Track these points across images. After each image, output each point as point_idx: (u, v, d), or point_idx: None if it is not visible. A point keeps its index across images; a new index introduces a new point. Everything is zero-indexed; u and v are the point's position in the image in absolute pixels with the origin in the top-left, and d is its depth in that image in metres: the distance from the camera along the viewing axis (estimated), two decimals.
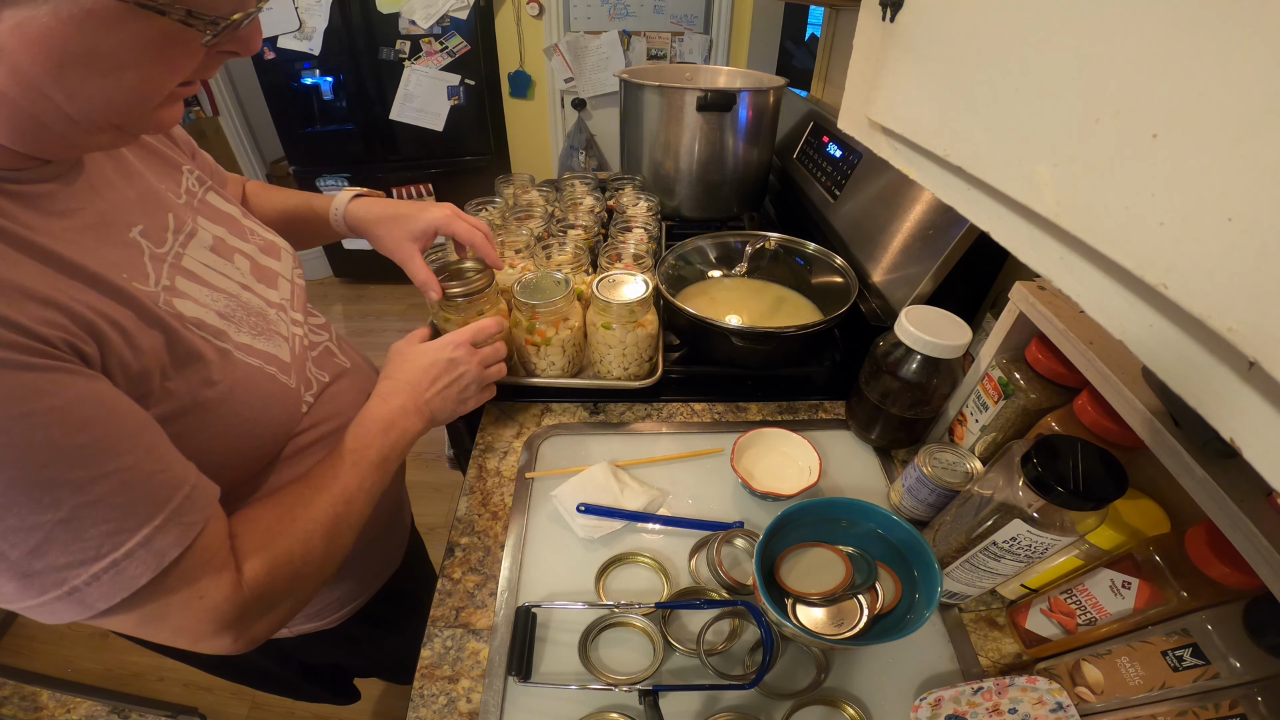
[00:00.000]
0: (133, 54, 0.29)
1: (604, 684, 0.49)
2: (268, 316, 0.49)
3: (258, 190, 0.72)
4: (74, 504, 0.31)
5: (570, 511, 0.62)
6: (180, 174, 0.49)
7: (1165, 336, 0.21)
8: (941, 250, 0.69)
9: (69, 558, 0.31)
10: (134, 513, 0.33)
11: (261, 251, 0.53)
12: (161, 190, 0.46)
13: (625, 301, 0.69)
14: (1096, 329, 0.46)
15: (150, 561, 0.34)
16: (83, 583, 0.32)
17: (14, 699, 0.65)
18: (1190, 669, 0.38)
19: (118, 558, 0.32)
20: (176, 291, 0.41)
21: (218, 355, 0.42)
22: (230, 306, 0.45)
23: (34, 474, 0.29)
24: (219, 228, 0.49)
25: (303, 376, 0.52)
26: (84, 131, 0.32)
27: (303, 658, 0.70)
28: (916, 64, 0.34)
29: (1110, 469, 0.41)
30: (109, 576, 0.32)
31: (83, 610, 0.33)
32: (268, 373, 0.46)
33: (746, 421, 0.76)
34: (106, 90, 0.30)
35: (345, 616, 0.66)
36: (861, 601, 0.50)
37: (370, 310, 2.65)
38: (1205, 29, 0.17)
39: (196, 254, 0.45)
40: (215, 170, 0.61)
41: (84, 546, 0.31)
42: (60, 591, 0.31)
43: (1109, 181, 0.21)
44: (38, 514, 0.30)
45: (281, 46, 2.12)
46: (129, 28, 0.28)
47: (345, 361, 0.61)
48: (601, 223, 1.03)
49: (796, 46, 2.67)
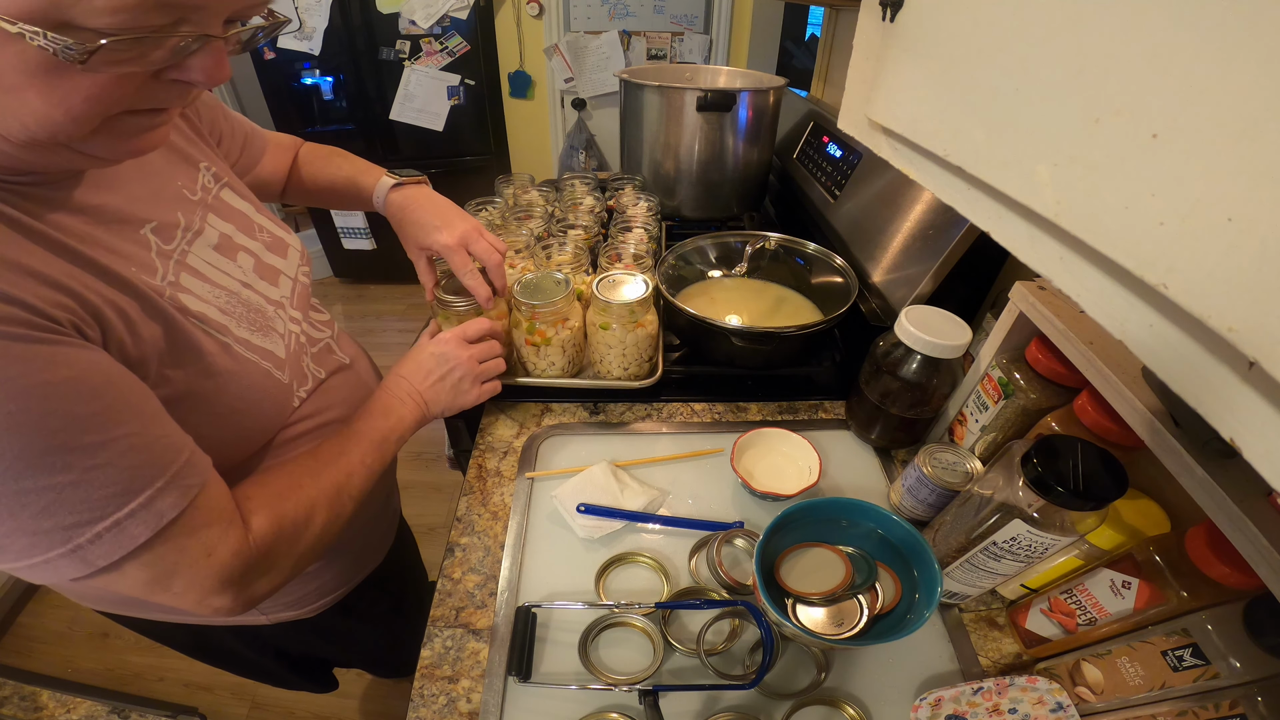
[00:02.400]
0: (21, 75, 0.27)
1: (604, 684, 0.49)
2: (266, 313, 0.50)
3: (310, 158, 0.76)
4: (84, 467, 0.32)
5: (570, 511, 0.62)
6: (197, 171, 0.51)
7: (1165, 336, 0.21)
8: (941, 250, 0.69)
9: (76, 518, 0.33)
10: (139, 475, 0.35)
11: (268, 249, 0.55)
12: (176, 188, 0.48)
13: (625, 301, 0.69)
14: (1096, 329, 0.46)
15: (150, 520, 0.36)
16: (86, 540, 0.33)
17: (14, 699, 0.65)
18: (1190, 669, 0.38)
19: (120, 517, 0.34)
20: (181, 287, 0.43)
21: (218, 349, 0.43)
22: (230, 303, 0.47)
23: (48, 440, 0.31)
24: (228, 225, 0.51)
25: (297, 372, 0.53)
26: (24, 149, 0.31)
27: (280, 645, 0.71)
28: (916, 64, 0.34)
29: (1110, 469, 0.41)
30: (111, 535, 0.34)
31: (83, 567, 0.34)
32: (263, 368, 0.48)
33: (746, 421, 0.76)
34: (15, 110, 0.29)
35: (324, 607, 0.66)
36: (861, 601, 0.50)
37: (370, 310, 2.65)
38: (1205, 29, 0.17)
39: (201, 252, 0.47)
40: (248, 141, 0.65)
41: (90, 507, 0.33)
42: (65, 549, 0.33)
43: (1109, 181, 0.21)
44: (50, 476, 0.31)
45: (281, 46, 2.12)
46: (9, 49, 0.26)
47: (344, 358, 0.63)
48: (601, 223, 1.03)
49: (796, 46, 2.67)
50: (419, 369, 0.64)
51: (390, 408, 0.59)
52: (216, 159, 0.55)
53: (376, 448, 0.55)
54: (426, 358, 0.64)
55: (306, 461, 0.50)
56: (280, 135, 0.74)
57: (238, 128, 0.64)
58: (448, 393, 0.65)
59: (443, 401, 0.64)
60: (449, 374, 0.65)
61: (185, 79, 0.33)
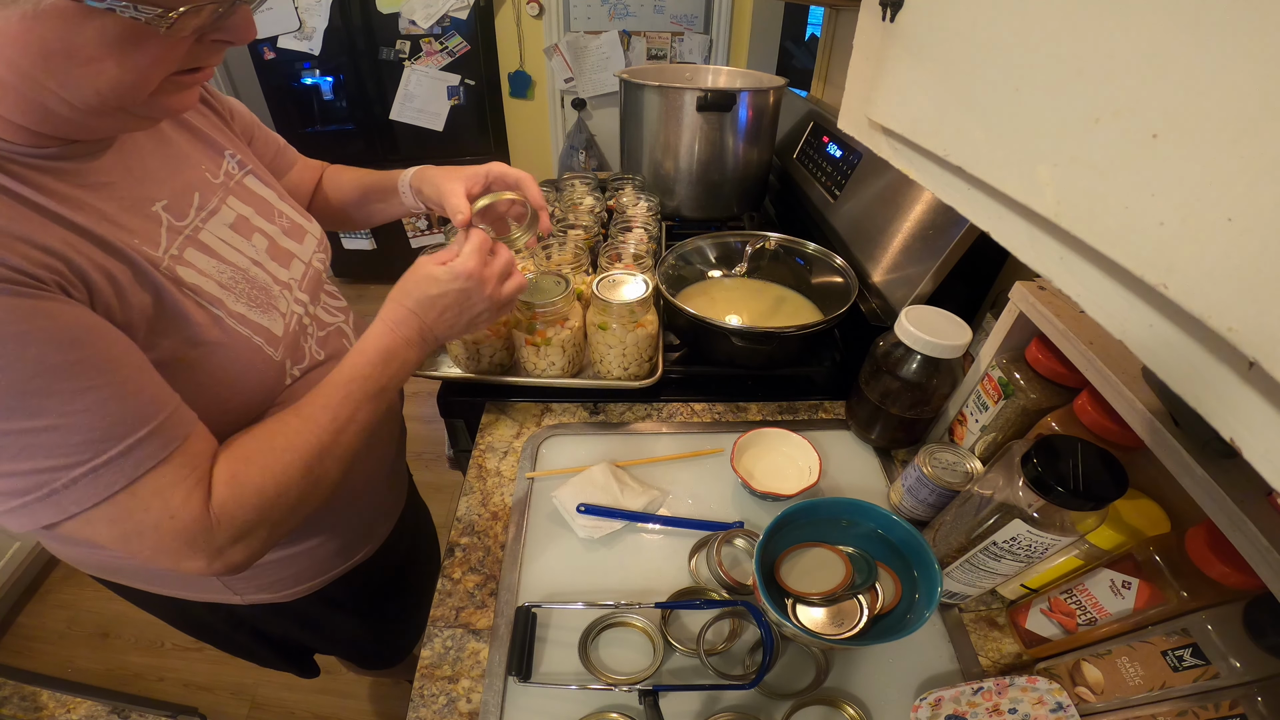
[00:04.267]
0: (101, 47, 0.31)
1: (604, 684, 0.49)
2: (271, 292, 0.52)
3: (337, 171, 0.79)
4: (60, 412, 0.34)
5: (570, 512, 0.62)
6: (222, 158, 0.55)
7: (1165, 336, 0.21)
8: (941, 250, 0.69)
9: (53, 462, 0.34)
10: (120, 423, 0.36)
11: (284, 233, 0.57)
12: (200, 171, 0.51)
13: (625, 301, 0.69)
14: (1096, 329, 0.46)
15: (126, 469, 0.37)
16: (61, 485, 0.35)
17: (14, 699, 0.65)
18: (1190, 669, 0.38)
19: (98, 464, 0.35)
20: (182, 260, 0.45)
21: (208, 320, 0.45)
22: (234, 279, 0.49)
23: (24, 385, 0.33)
24: (247, 208, 0.54)
25: (293, 352, 0.53)
26: (89, 115, 0.35)
27: (256, 626, 0.70)
28: (916, 64, 0.34)
29: (1110, 469, 0.41)
30: (87, 480, 0.35)
31: (57, 513, 0.35)
32: (254, 343, 0.48)
33: (746, 421, 0.76)
34: (91, 79, 0.32)
35: (301, 594, 0.65)
36: (861, 601, 0.50)
37: (370, 310, 2.59)
38: (1205, 29, 0.17)
39: (215, 229, 0.49)
40: (279, 152, 0.70)
41: (67, 452, 0.34)
42: (40, 494, 0.34)
43: (1109, 181, 0.21)
44: (27, 420, 0.33)
45: (281, 46, 2.12)
46: (90, 23, 0.30)
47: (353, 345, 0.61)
48: (601, 223, 1.03)
49: (796, 46, 2.67)
50: (433, 305, 0.55)
51: (393, 351, 0.53)
52: (244, 149, 0.58)
53: (372, 400, 0.50)
54: (443, 294, 0.55)
55: (288, 420, 0.47)
56: (309, 159, 0.78)
57: (270, 139, 0.69)
58: (460, 328, 0.58)
59: (453, 336, 0.59)
60: (467, 309, 0.57)
61: (224, 39, 0.37)
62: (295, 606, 0.67)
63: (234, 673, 1.32)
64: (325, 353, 0.59)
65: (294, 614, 0.68)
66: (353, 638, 0.81)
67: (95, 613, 1.44)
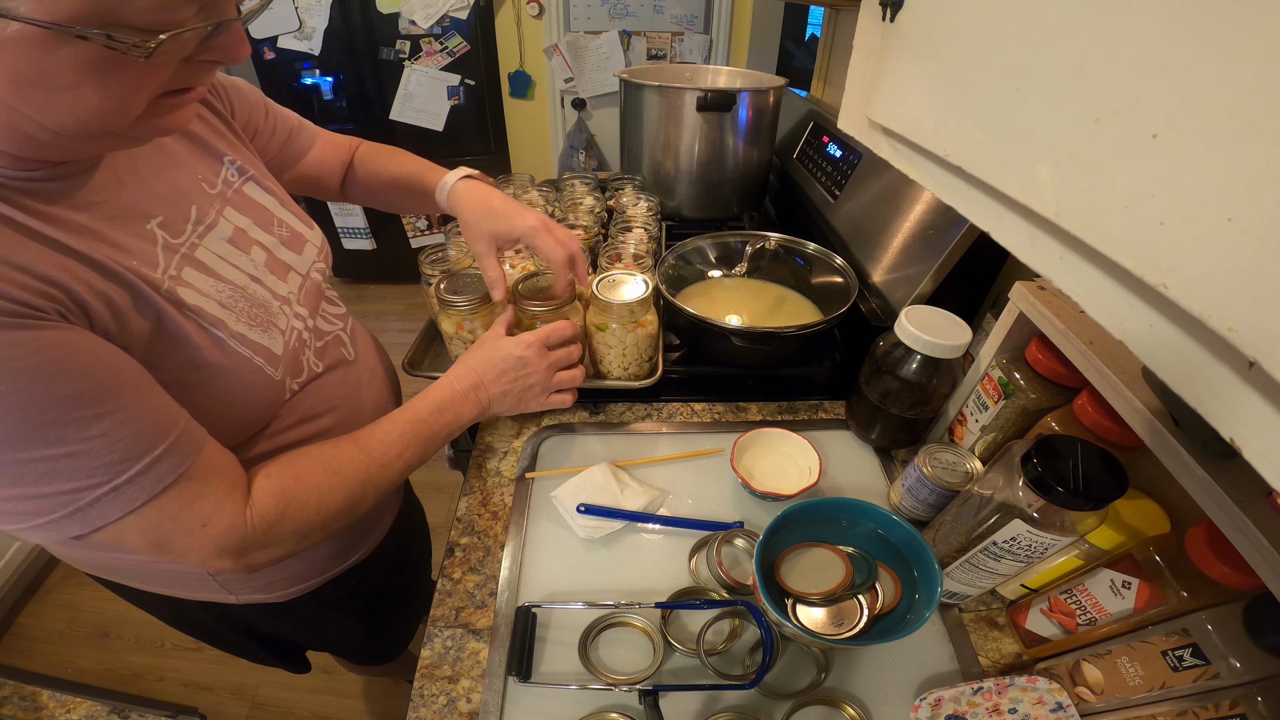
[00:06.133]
0: (77, 74, 0.29)
1: (604, 684, 0.49)
2: (270, 309, 0.51)
3: (371, 156, 0.75)
4: (79, 439, 0.35)
5: (570, 512, 0.62)
6: (220, 164, 0.52)
7: (1165, 336, 0.21)
8: (941, 250, 0.69)
9: (75, 484, 0.35)
10: (137, 443, 0.37)
11: (283, 244, 0.55)
12: (196, 180, 0.49)
13: (625, 302, 0.69)
14: (1096, 329, 0.47)
15: (147, 486, 0.38)
16: (86, 504, 0.36)
17: (14, 699, 0.65)
18: (1190, 669, 0.38)
19: (119, 483, 0.37)
20: (182, 281, 0.44)
21: (210, 343, 0.44)
22: (233, 297, 0.48)
23: (41, 417, 0.33)
24: (245, 219, 0.52)
25: (293, 368, 0.53)
26: (73, 140, 0.34)
27: (250, 625, 0.71)
28: (916, 64, 0.34)
29: (1110, 469, 0.41)
30: (109, 498, 0.37)
31: (83, 527, 0.37)
32: (255, 364, 0.48)
33: (746, 421, 0.76)
34: (70, 106, 0.31)
35: (295, 594, 0.65)
36: (861, 601, 0.50)
37: (370, 310, 2.65)
38: (1205, 29, 0.17)
39: (212, 245, 0.48)
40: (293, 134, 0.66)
41: (89, 474, 0.36)
42: (66, 511, 0.36)
43: (1109, 181, 0.21)
44: (47, 449, 0.34)
45: (281, 46, 2.12)
46: (63, 50, 0.28)
47: (350, 354, 0.62)
48: (601, 223, 1.03)
49: (796, 46, 2.67)
50: (493, 367, 0.61)
51: (450, 403, 0.58)
52: (245, 152, 0.56)
53: (421, 444, 0.55)
54: (504, 358, 0.61)
55: (344, 446, 0.50)
56: (335, 135, 0.74)
57: (280, 123, 0.65)
58: (514, 398, 0.63)
59: (507, 405, 0.63)
60: (522, 378, 0.62)
61: (212, 59, 0.36)
62: (289, 606, 0.67)
63: (234, 673, 1.32)
64: (323, 364, 0.58)
65: (287, 613, 0.68)
66: (344, 636, 0.81)
67: (95, 613, 1.44)
